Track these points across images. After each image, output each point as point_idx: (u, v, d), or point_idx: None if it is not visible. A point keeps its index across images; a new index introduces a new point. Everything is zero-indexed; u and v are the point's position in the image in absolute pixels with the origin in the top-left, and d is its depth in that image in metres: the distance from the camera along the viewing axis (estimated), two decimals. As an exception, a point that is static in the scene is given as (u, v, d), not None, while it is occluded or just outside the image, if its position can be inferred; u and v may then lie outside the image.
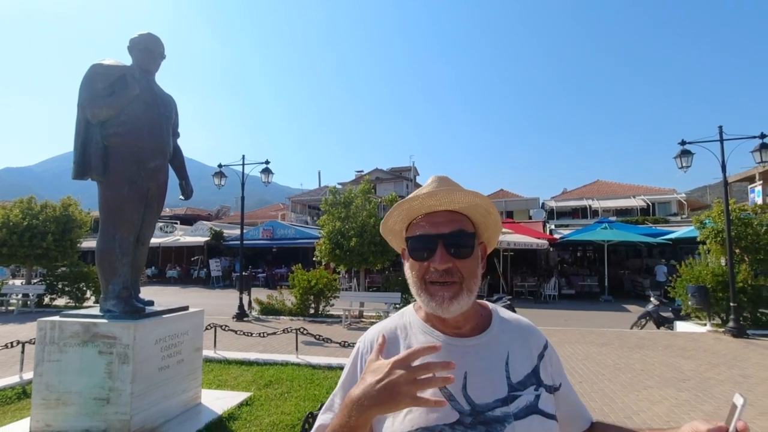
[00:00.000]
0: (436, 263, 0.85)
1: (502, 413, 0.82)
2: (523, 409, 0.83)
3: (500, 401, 0.83)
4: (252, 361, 6.12)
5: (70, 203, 14.31)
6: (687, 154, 8.96)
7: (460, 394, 0.83)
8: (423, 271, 0.88)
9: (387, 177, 37.08)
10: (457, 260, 0.86)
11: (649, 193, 26.84)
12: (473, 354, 0.88)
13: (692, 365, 6.33)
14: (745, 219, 9.35)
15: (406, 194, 34.13)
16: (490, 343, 0.91)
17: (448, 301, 0.85)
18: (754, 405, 4.71)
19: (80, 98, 3.66)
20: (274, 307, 11.55)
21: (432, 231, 0.88)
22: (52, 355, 3.56)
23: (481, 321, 0.95)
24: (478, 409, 0.81)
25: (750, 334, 8.38)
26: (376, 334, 0.95)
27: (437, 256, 0.86)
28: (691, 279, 9.42)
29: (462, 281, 0.86)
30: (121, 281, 3.77)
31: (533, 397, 0.86)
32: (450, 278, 0.86)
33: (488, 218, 0.95)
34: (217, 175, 11.84)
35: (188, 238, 27.06)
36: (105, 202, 3.77)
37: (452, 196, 0.89)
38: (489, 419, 0.81)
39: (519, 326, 0.98)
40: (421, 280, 0.89)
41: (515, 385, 0.86)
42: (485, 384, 0.85)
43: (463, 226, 0.90)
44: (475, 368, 0.86)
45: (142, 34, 4.04)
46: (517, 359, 0.90)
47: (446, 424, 0.79)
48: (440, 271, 0.85)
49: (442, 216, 0.90)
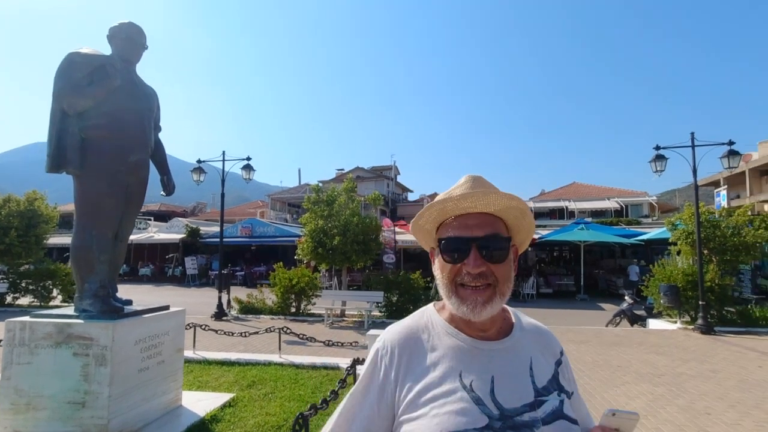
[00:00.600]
0: (469, 267, 0.84)
1: (530, 418, 0.81)
2: (549, 414, 0.82)
3: (528, 406, 0.82)
4: (233, 361, 5.98)
5: (36, 197, 13.64)
6: (661, 158, 9.30)
7: (488, 398, 0.81)
8: (454, 273, 0.86)
9: (368, 176, 37.04)
10: (491, 264, 0.85)
11: (623, 196, 27.77)
12: (499, 358, 0.87)
13: (666, 361, 6.57)
14: (713, 221, 9.77)
15: (388, 193, 34.19)
16: (514, 347, 0.90)
17: (481, 306, 0.83)
18: (724, 398, 4.92)
19: (56, 87, 3.48)
20: (254, 306, 11.35)
21: (466, 233, 0.87)
22: (22, 358, 3.37)
23: (505, 325, 0.94)
24: (506, 413, 0.80)
25: (717, 330, 8.78)
26: (397, 334, 0.93)
27: (471, 259, 0.84)
28: (664, 278, 9.79)
29: (495, 285, 0.85)
30: (98, 279, 3.61)
31: (558, 402, 0.85)
32: (484, 281, 0.84)
33: (522, 221, 0.93)
34: (196, 171, 11.52)
35: (163, 235, 26.27)
36: (82, 196, 3.60)
37: (487, 198, 0.87)
38: (518, 424, 0.79)
39: (539, 332, 0.98)
40: (451, 283, 0.87)
41: (540, 390, 0.85)
42: (512, 389, 0.83)
43: (498, 229, 0.89)
44: (501, 372, 0.85)
45: (123, 23, 3.87)
46: (539, 365, 0.89)
47: (475, 429, 0.78)
48: (473, 274, 0.84)
49: (476, 218, 0.89)
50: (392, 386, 0.86)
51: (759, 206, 24.14)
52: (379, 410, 0.86)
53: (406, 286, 10.75)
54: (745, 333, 8.78)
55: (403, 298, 10.73)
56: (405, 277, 10.86)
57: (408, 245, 18.50)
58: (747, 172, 29.14)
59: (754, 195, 28.92)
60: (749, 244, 9.38)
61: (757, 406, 4.69)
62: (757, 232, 9.46)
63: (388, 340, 0.93)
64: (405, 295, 10.72)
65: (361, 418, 0.87)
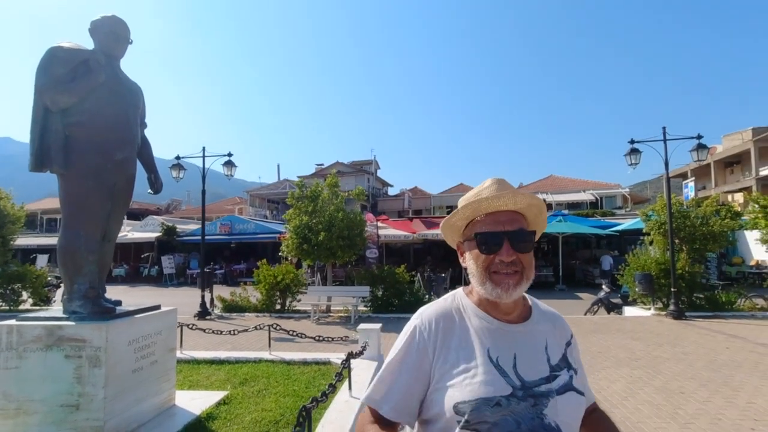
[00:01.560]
0: (503, 256, 0.98)
1: (546, 389, 0.96)
2: (562, 387, 0.98)
3: (544, 379, 0.97)
4: (223, 359, 5.94)
5: (1, 196, 13.05)
6: (636, 152, 9.70)
7: (512, 372, 0.96)
8: (488, 262, 1.00)
9: (348, 170, 36.92)
10: (519, 254, 0.99)
11: (597, 188, 28.68)
12: (520, 338, 1.02)
13: (641, 346, 6.91)
14: (683, 212, 10.27)
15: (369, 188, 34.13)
16: (533, 330, 1.05)
17: (513, 288, 0.97)
18: (695, 378, 5.25)
19: (38, 83, 3.36)
20: (237, 304, 11.23)
21: (499, 228, 1.00)
22: (10, 362, 3.28)
23: (525, 310, 1.08)
24: (527, 384, 0.95)
25: (688, 315, 9.27)
26: (433, 313, 1.06)
27: (504, 250, 0.98)
28: (638, 267, 10.24)
29: (523, 271, 0.99)
30: (87, 280, 3.53)
31: (568, 377, 1.01)
32: (514, 268, 0.98)
33: (539, 217, 1.09)
34: (175, 168, 11.25)
35: (137, 234, 25.55)
36: (68, 196, 3.50)
37: (516, 198, 1.01)
38: (536, 393, 0.94)
39: (553, 318, 1.13)
40: (485, 270, 1.00)
41: (554, 366, 1.01)
42: (531, 365, 0.98)
43: (523, 224, 1.04)
44: (522, 351, 1.00)
45: (105, 16, 3.76)
46: (552, 346, 1.05)
47: (502, 396, 0.92)
48: (507, 262, 0.98)
49: (506, 215, 1.03)
50: (430, 357, 1.00)
51: (723, 197, 25.40)
52: (417, 377, 1.00)
53: (391, 281, 10.85)
54: (713, 317, 9.30)
55: (388, 293, 10.83)
56: (390, 272, 10.96)
57: (390, 240, 18.62)
58: (712, 164, 30.59)
59: (719, 186, 30.41)
60: (717, 233, 9.91)
61: (725, 383, 5.02)
62: (723, 222, 9.99)
63: (426, 317, 1.07)
64: (390, 290, 10.83)
65: (400, 383, 1.00)
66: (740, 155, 29.77)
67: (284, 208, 30.84)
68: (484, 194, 1.03)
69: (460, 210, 1.06)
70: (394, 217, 26.61)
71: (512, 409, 0.91)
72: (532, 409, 0.92)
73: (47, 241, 26.18)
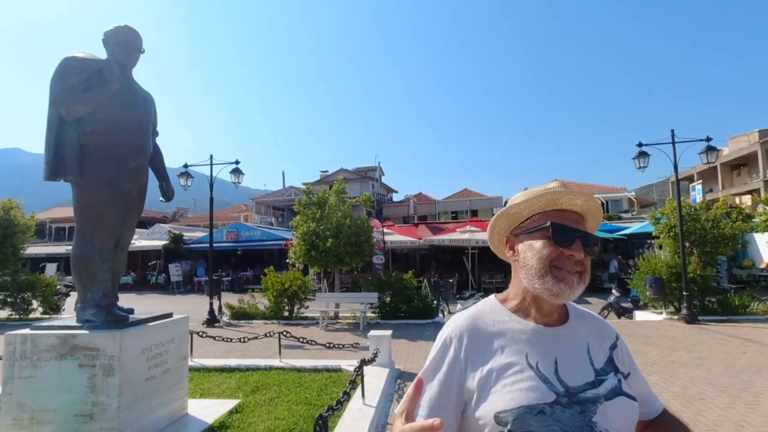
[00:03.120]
0: (575, 251, 0.93)
1: (593, 395, 0.90)
2: (610, 391, 0.92)
3: (590, 384, 0.91)
4: (233, 367, 5.91)
5: (12, 206, 13.16)
6: (644, 155, 9.62)
7: (554, 377, 0.90)
8: (556, 255, 0.94)
9: (353, 177, 36.99)
10: (587, 256, 0.95)
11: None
12: (560, 342, 0.96)
13: (656, 351, 6.80)
14: (693, 215, 10.16)
15: (373, 194, 34.17)
16: (572, 333, 0.99)
17: (576, 285, 0.92)
18: (714, 384, 5.14)
19: (53, 93, 3.39)
20: (245, 312, 11.20)
21: (573, 225, 0.97)
22: (24, 371, 3.28)
23: (562, 312, 1.03)
24: (571, 390, 0.89)
25: (701, 320, 9.13)
26: (465, 321, 1.01)
27: (576, 246, 0.93)
28: (649, 271, 10.12)
29: (583, 273, 0.95)
30: (101, 289, 3.53)
31: (616, 381, 0.94)
32: (579, 268, 0.94)
33: (597, 225, 1.06)
34: (183, 176, 11.30)
35: (144, 242, 25.62)
36: (82, 205, 3.52)
37: (590, 202, 1.00)
38: (582, 400, 0.89)
39: (593, 320, 1.08)
40: (549, 264, 0.94)
41: (599, 370, 0.94)
42: (574, 369, 0.93)
43: (589, 228, 1.02)
44: (563, 355, 0.94)
45: (118, 26, 3.79)
46: (595, 349, 0.98)
47: (545, 403, 0.87)
48: (575, 260, 0.93)
49: (575, 216, 1.00)
50: (462, 365, 0.95)
51: (731, 199, 25.17)
52: (450, 387, 0.94)
53: (399, 287, 10.79)
54: (727, 321, 9.16)
55: (396, 299, 10.77)
56: (398, 278, 10.91)
57: (396, 246, 18.57)
58: (719, 166, 30.35)
59: (726, 189, 30.15)
60: (728, 236, 9.79)
61: (745, 389, 4.92)
62: (735, 224, 9.87)
63: (457, 326, 1.02)
64: (398, 296, 10.77)
65: (432, 393, 0.95)
66: (747, 157, 29.53)
67: (290, 215, 30.89)
68: (560, 189, 0.99)
69: (533, 197, 1.00)
70: (400, 223, 26.57)
71: (557, 418, 0.86)
72: (579, 417, 0.86)
73: (56, 250, 26.37)
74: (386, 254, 16.81)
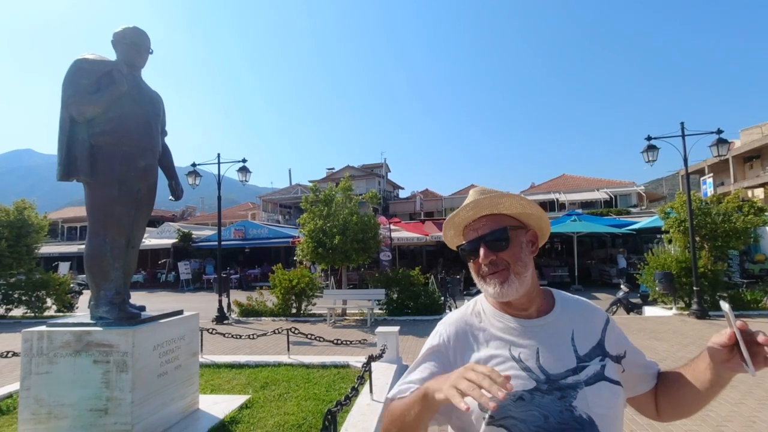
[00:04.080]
0: (482, 260, 1.02)
1: (574, 381, 0.95)
2: (591, 377, 0.96)
3: (571, 371, 0.96)
4: (243, 363, 5.98)
5: (26, 206, 13.41)
6: (653, 148, 9.51)
7: (535, 366, 0.96)
8: (477, 267, 1.05)
9: (359, 174, 37.02)
10: (498, 252, 1.01)
11: (611, 186, 28.22)
12: (542, 332, 1.02)
13: (665, 346, 6.76)
14: (704, 209, 10.03)
15: (380, 191, 34.24)
16: (555, 322, 1.04)
17: (500, 285, 0.99)
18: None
19: (64, 95, 3.45)
20: (254, 309, 11.32)
21: (474, 235, 1.06)
22: (41, 367, 3.36)
23: (545, 304, 1.07)
24: (552, 377, 0.95)
25: (711, 315, 9.03)
26: (454, 319, 1.11)
27: (481, 254, 1.01)
28: (658, 266, 10.02)
29: (508, 267, 1.00)
30: (113, 286, 3.60)
31: (599, 366, 0.98)
32: (497, 268, 1.01)
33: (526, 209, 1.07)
34: (191, 175, 11.41)
35: (154, 240, 25.95)
36: (94, 204, 3.58)
37: (480, 204, 1.04)
38: (563, 386, 0.94)
39: (581, 306, 1.10)
40: (477, 275, 1.05)
41: (582, 357, 0.99)
42: (556, 357, 0.98)
43: (501, 224, 1.04)
44: (545, 345, 0.99)
45: (127, 27, 3.84)
46: (581, 335, 1.02)
47: (525, 390, 0.93)
48: (487, 263, 1.01)
49: (482, 221, 1.06)
50: (450, 359, 1.03)
51: (743, 192, 24.77)
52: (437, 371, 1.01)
53: (406, 283, 10.82)
54: (738, 316, 8.91)
55: (403, 295, 10.80)
56: (405, 274, 10.93)
57: (403, 242, 18.59)
58: (731, 159, 29.86)
59: (738, 182, 29.65)
60: (740, 230, 9.65)
61: (757, 385, 4.88)
62: (746, 218, 9.73)
63: (447, 323, 1.12)
64: (405, 292, 10.80)
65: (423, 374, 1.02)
66: (760, 150, 29.00)
67: (297, 213, 31.04)
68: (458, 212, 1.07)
69: (445, 230, 1.13)
70: (406, 220, 26.58)
71: (537, 403, 0.91)
72: (559, 402, 0.92)
73: (68, 249, 26.81)
74: (393, 251, 16.85)
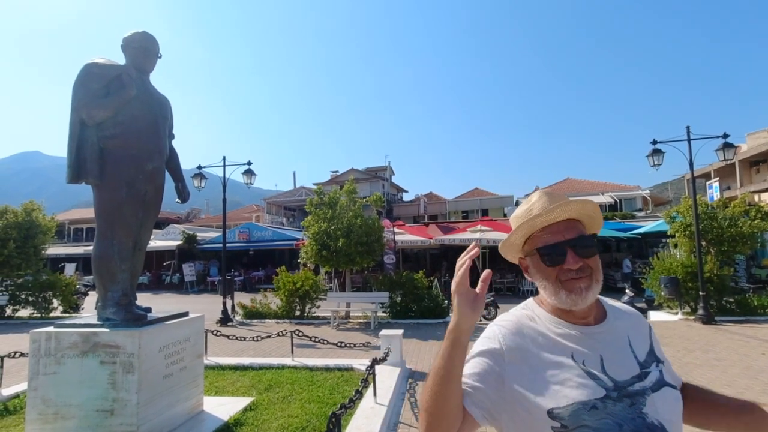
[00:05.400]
0: (570, 265, 0.98)
1: (641, 387, 0.94)
2: (655, 383, 0.96)
3: (636, 377, 0.95)
4: (247, 365, 6.01)
5: (33, 208, 13.56)
6: (658, 152, 9.47)
7: (601, 373, 0.95)
8: (557, 273, 1.00)
9: (363, 177, 37.07)
10: (585, 259, 0.99)
11: (616, 190, 28.07)
12: (602, 340, 1.00)
13: (671, 351, 6.71)
14: (710, 213, 9.96)
15: (384, 194, 34.25)
16: (612, 329, 1.03)
17: (585, 291, 0.97)
18: (731, 386, 5.06)
19: (74, 99, 3.51)
20: (258, 311, 11.35)
21: (559, 239, 1.01)
22: (48, 368, 3.40)
23: (599, 311, 1.07)
24: (619, 385, 0.93)
25: (718, 320, 8.96)
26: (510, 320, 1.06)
27: (569, 258, 0.98)
28: (663, 271, 9.95)
29: (591, 274, 0.99)
30: (120, 288, 3.64)
31: (659, 372, 0.99)
32: (583, 274, 0.98)
33: (595, 219, 1.09)
34: (197, 177, 11.50)
35: (159, 242, 26.05)
36: (102, 206, 3.63)
37: (568, 206, 1.02)
38: (631, 393, 0.93)
39: (629, 314, 1.11)
40: (557, 281, 1.00)
41: (642, 363, 0.99)
42: (619, 364, 0.97)
43: (581, 230, 1.04)
44: (607, 351, 0.98)
45: (136, 32, 3.90)
46: (636, 341, 1.03)
47: (597, 398, 0.91)
48: (574, 270, 0.98)
49: (563, 224, 1.03)
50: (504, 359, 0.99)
51: (750, 197, 24.59)
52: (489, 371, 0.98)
53: (410, 286, 10.82)
54: (745, 322, 8.97)
55: (407, 298, 10.80)
56: (408, 277, 10.93)
57: (406, 245, 18.57)
58: (737, 163, 29.63)
59: (744, 186, 29.41)
60: (746, 235, 9.58)
61: (764, 391, 4.84)
62: (753, 223, 9.65)
63: (503, 322, 1.06)
64: (409, 295, 10.79)
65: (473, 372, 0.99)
66: (766, 154, 28.76)
67: (301, 215, 31.11)
68: (535, 210, 1.04)
69: (515, 230, 1.07)
70: (410, 223, 26.56)
71: (610, 411, 0.90)
72: (630, 410, 0.91)
73: (74, 251, 27.01)
74: (397, 254, 16.82)
